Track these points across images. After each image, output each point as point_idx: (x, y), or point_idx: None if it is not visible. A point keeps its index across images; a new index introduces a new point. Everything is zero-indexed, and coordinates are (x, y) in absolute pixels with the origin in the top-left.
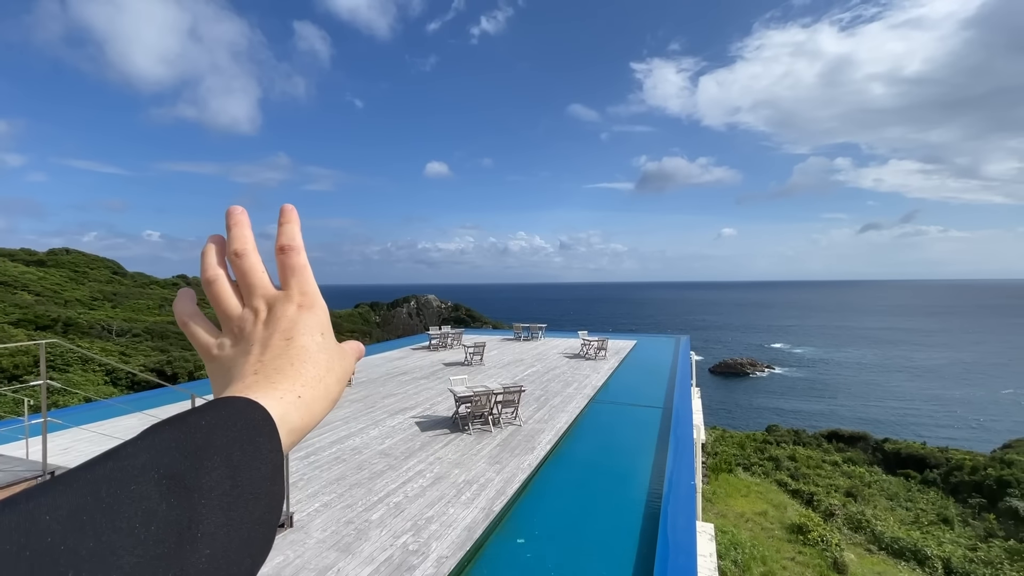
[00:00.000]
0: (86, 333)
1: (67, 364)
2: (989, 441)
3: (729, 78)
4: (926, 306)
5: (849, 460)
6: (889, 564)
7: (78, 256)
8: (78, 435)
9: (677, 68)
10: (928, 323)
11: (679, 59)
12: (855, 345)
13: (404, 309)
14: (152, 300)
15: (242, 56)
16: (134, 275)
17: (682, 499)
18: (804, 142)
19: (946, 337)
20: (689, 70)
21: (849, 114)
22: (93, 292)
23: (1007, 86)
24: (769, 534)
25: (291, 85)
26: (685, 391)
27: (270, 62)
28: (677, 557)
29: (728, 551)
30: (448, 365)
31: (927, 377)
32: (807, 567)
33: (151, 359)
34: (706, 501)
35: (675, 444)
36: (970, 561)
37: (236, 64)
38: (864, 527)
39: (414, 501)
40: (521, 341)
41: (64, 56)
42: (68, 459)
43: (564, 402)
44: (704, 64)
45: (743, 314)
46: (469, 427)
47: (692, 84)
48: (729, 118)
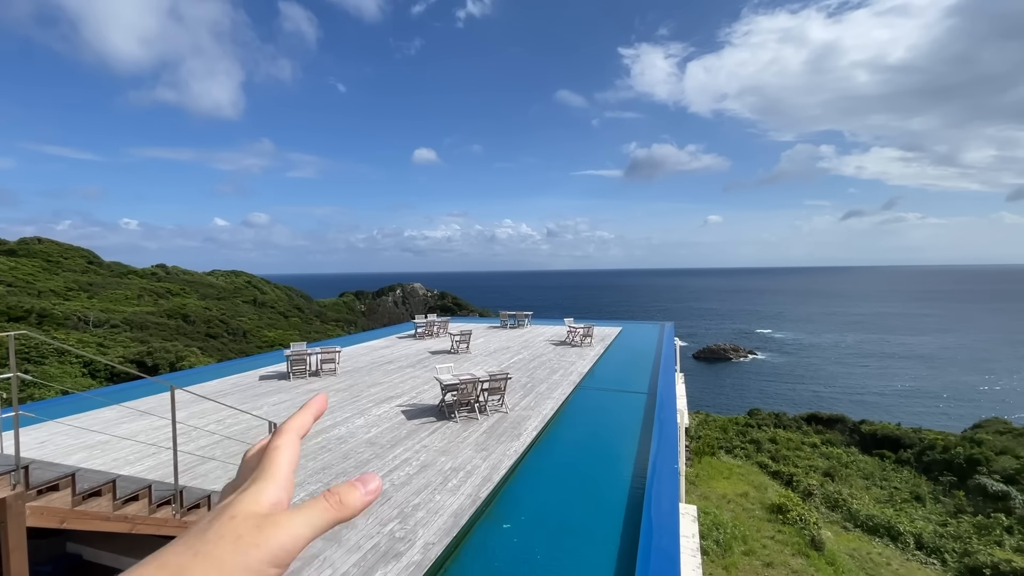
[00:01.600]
0: (61, 324)
1: (42, 356)
2: (961, 421)
3: (716, 64)
4: (904, 292)
5: (827, 442)
6: (864, 540)
7: (51, 245)
8: (54, 428)
9: (665, 53)
10: (906, 308)
11: (667, 44)
12: (835, 330)
13: (390, 298)
14: (130, 290)
15: (225, 37)
16: (111, 264)
17: (666, 482)
18: (789, 129)
19: (924, 322)
20: (677, 56)
21: (834, 101)
22: (68, 282)
23: (988, 74)
24: (750, 514)
25: (276, 68)
26: (669, 376)
27: (254, 43)
28: (661, 538)
29: (710, 531)
30: (434, 353)
31: (904, 360)
32: (786, 545)
33: (131, 350)
34: (689, 484)
35: (659, 429)
36: (940, 536)
37: (219, 45)
38: (841, 506)
39: (400, 489)
40: (507, 329)
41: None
42: (44, 453)
43: (550, 389)
44: (692, 50)
45: (727, 300)
46: (455, 415)
47: (679, 70)
48: (716, 105)
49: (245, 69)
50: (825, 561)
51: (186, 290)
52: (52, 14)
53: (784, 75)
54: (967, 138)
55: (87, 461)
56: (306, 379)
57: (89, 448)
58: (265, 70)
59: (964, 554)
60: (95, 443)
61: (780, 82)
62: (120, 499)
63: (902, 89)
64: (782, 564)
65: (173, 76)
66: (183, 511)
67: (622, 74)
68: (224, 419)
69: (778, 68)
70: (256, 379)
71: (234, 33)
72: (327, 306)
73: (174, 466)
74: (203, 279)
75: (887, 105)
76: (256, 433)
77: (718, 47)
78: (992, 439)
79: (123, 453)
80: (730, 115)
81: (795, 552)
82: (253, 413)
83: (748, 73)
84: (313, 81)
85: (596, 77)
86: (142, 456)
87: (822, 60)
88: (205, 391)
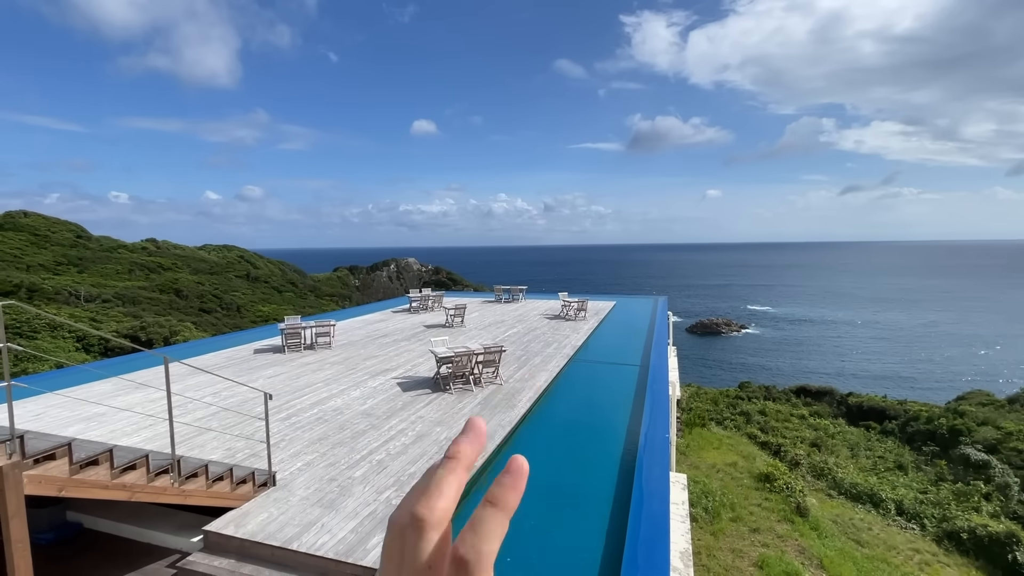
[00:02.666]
0: (52, 299)
1: (34, 331)
2: (945, 393)
3: (720, 33)
4: (897, 267)
5: (815, 413)
6: (847, 507)
7: (38, 219)
8: (51, 400)
9: (668, 21)
10: (898, 283)
11: (670, 12)
12: (826, 305)
13: (384, 272)
14: (121, 265)
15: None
16: (100, 239)
17: (657, 452)
18: (790, 102)
19: (914, 295)
20: (679, 24)
21: (838, 72)
22: (57, 256)
23: (994, 45)
24: (738, 483)
25: (274, 35)
26: (662, 350)
27: (251, 8)
28: (651, 505)
29: (700, 499)
30: (429, 327)
31: (893, 333)
32: (772, 512)
33: (124, 324)
34: (680, 454)
35: (651, 400)
36: (920, 503)
37: (215, 10)
38: (826, 474)
39: (396, 458)
40: (502, 303)
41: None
42: (41, 424)
43: (544, 361)
44: (695, 18)
45: (721, 275)
46: (451, 387)
47: (682, 39)
48: (717, 76)
49: (241, 36)
50: (809, 526)
51: (178, 265)
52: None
53: (788, 45)
54: (968, 111)
55: (84, 432)
56: (301, 352)
57: (86, 420)
58: (262, 36)
59: (943, 519)
60: (91, 415)
61: (784, 52)
62: (118, 468)
63: (907, 60)
64: (768, 530)
65: (166, 42)
66: (181, 479)
67: (623, 43)
68: (220, 391)
69: (783, 38)
70: (251, 352)
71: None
72: (321, 281)
73: (171, 436)
74: (195, 253)
75: (891, 77)
76: (252, 405)
77: (722, 15)
78: (974, 410)
79: (120, 425)
80: (731, 87)
81: (781, 518)
82: (249, 385)
83: (752, 43)
84: (310, 49)
85: (596, 45)
86: (139, 428)
87: (828, 29)
88: (200, 364)
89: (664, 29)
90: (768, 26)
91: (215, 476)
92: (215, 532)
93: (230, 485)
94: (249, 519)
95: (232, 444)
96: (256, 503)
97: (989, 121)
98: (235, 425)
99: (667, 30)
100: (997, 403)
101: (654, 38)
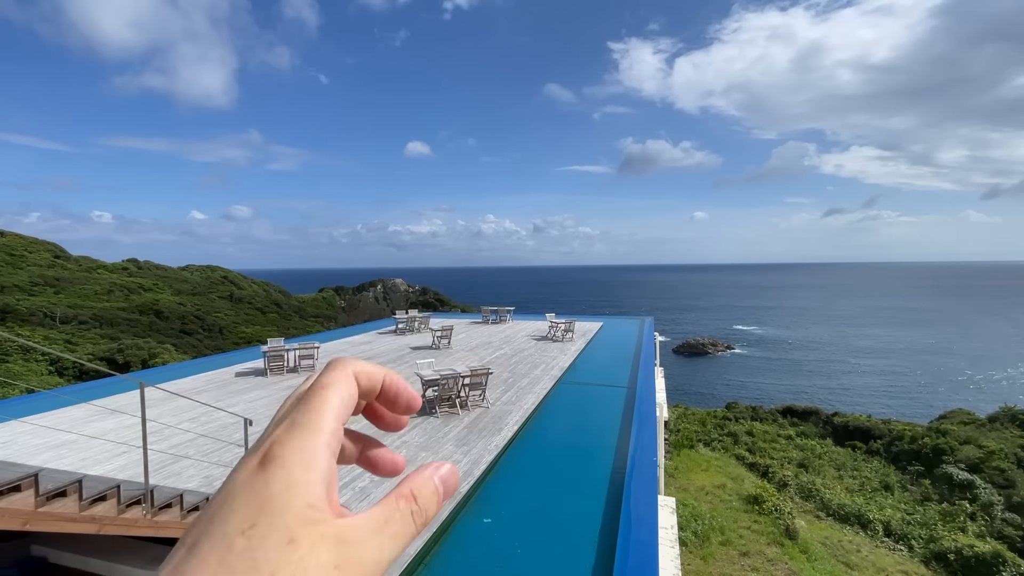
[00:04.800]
0: (26, 320)
1: (5, 354)
2: (928, 412)
3: (704, 60)
4: (876, 288)
5: (802, 434)
6: (836, 529)
7: (14, 238)
8: (18, 428)
9: (654, 49)
10: (878, 303)
11: (657, 39)
12: (810, 325)
13: (371, 293)
14: (100, 285)
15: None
16: (78, 259)
17: (645, 475)
18: (772, 127)
19: (894, 316)
20: (666, 51)
21: (817, 100)
22: (33, 277)
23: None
24: (727, 505)
25: (272, 56)
26: (649, 371)
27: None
28: (640, 530)
29: (689, 523)
30: (415, 349)
31: (875, 354)
32: (761, 535)
33: (100, 347)
34: (668, 476)
35: (639, 422)
36: (907, 523)
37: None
38: (814, 495)
39: (379, 486)
40: (489, 324)
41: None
42: (8, 453)
43: (531, 383)
44: (681, 45)
45: (707, 296)
46: (436, 410)
47: (668, 66)
48: (702, 101)
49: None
50: (799, 549)
51: (159, 285)
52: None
53: (770, 73)
54: (942, 138)
55: (53, 461)
56: (284, 375)
57: (56, 448)
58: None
59: (930, 540)
60: (62, 442)
61: (766, 79)
62: (87, 500)
63: (884, 88)
64: (758, 553)
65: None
66: (154, 511)
67: (611, 69)
68: (198, 416)
69: (765, 66)
70: (232, 376)
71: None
72: (306, 302)
73: (144, 465)
74: (177, 274)
75: (868, 104)
76: (232, 431)
77: (707, 43)
78: (957, 429)
79: (92, 452)
80: (715, 112)
81: (770, 541)
82: (229, 411)
83: (736, 70)
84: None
85: (585, 71)
86: (112, 455)
87: (808, 58)
88: (179, 388)
89: (651, 56)
90: (751, 54)
91: (191, 506)
92: None
93: None
94: None
95: (210, 472)
96: None
97: (962, 147)
98: (213, 452)
99: (654, 57)
100: (978, 422)
101: (641, 64)
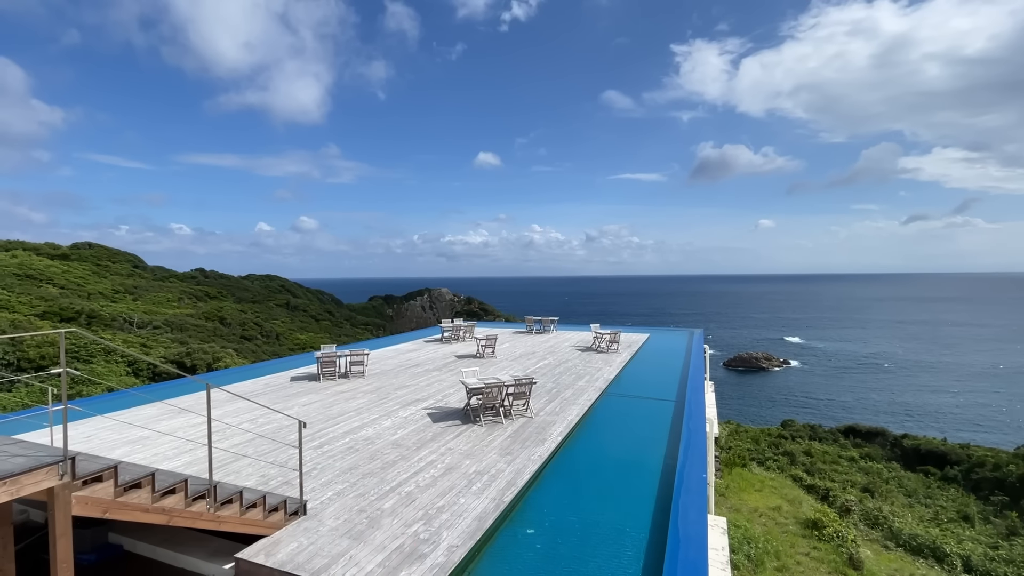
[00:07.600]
0: (108, 325)
1: (91, 355)
2: (1013, 437)
3: (774, 60)
4: (953, 299)
5: (866, 456)
6: (907, 561)
7: (100, 250)
8: (100, 423)
9: (720, 50)
10: (952, 317)
11: (724, 40)
12: (875, 339)
13: (418, 302)
14: (171, 293)
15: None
16: (154, 269)
17: (693, 492)
18: (843, 130)
19: (970, 332)
20: (733, 52)
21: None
22: (115, 285)
23: None
24: (783, 529)
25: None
26: (698, 385)
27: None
28: (688, 550)
29: (741, 545)
30: (460, 357)
31: (950, 372)
32: (822, 563)
33: (171, 351)
34: (719, 495)
35: (687, 437)
36: (991, 559)
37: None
38: (881, 523)
39: (425, 491)
40: (533, 334)
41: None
42: (90, 446)
43: (575, 395)
44: (750, 46)
45: (762, 307)
46: (480, 418)
47: (733, 67)
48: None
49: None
50: None
51: (223, 293)
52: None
53: (847, 70)
54: None
55: (130, 455)
56: (335, 381)
57: (132, 443)
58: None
59: None
60: (137, 438)
61: (842, 78)
62: (158, 492)
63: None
64: None
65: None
66: (216, 505)
67: (671, 72)
68: (257, 418)
69: (841, 63)
70: (288, 380)
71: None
72: (357, 310)
73: (209, 462)
74: (239, 283)
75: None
76: (286, 432)
77: (779, 42)
78: None
79: (162, 448)
80: (780, 114)
81: (832, 570)
82: (284, 413)
83: (807, 69)
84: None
85: (645, 76)
86: (180, 452)
87: (891, 53)
88: (239, 391)
89: (716, 57)
90: (827, 52)
91: (249, 503)
92: (246, 560)
93: (263, 513)
94: (279, 548)
95: (266, 471)
96: (287, 532)
97: None
98: (270, 452)
99: (719, 58)
100: None
101: (704, 66)
